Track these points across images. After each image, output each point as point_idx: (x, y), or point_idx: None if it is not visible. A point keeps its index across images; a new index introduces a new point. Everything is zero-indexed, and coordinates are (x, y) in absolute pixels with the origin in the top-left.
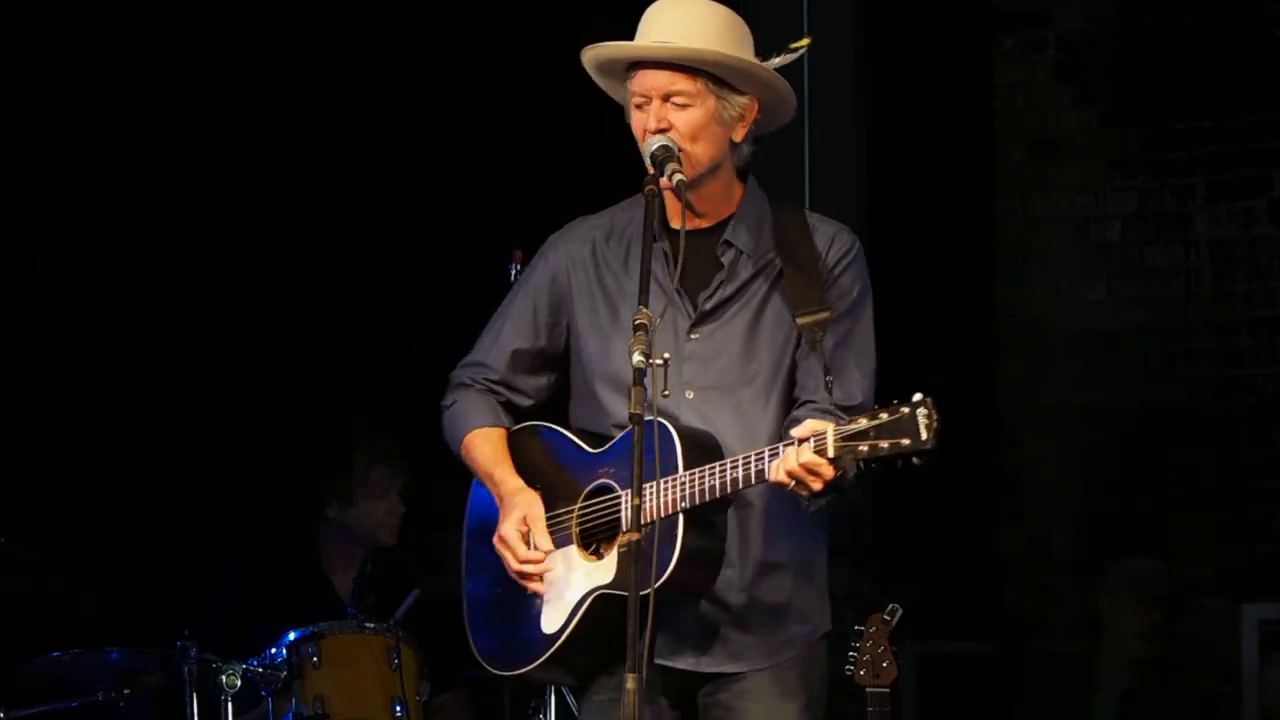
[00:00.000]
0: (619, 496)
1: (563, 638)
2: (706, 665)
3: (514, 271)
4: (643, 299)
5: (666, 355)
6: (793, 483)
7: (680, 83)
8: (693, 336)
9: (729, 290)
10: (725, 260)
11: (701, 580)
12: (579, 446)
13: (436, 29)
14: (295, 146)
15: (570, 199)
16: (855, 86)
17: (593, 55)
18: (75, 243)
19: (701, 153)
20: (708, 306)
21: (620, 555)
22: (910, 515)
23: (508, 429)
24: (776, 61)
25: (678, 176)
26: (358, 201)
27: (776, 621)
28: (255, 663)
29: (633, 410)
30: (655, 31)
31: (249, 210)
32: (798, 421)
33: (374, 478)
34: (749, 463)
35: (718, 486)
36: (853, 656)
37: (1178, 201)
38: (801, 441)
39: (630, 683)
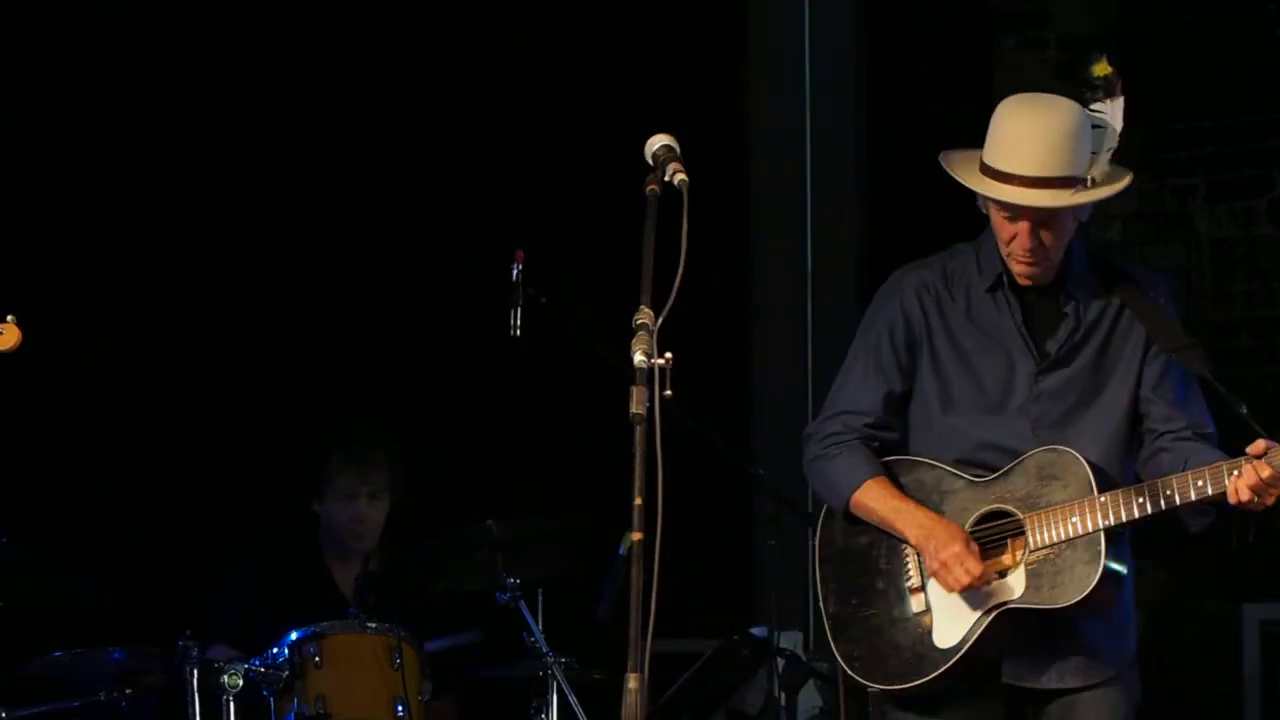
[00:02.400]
0: (1017, 520)
1: (964, 650)
2: (1048, 683)
3: (516, 271)
4: (643, 299)
5: (669, 355)
6: (1255, 498)
7: (1051, 215)
8: (1041, 381)
9: (1077, 337)
10: (1069, 311)
11: (1110, 598)
12: (958, 475)
13: (440, 29)
14: (297, 148)
15: (573, 200)
16: (855, 86)
17: (978, 188)
18: (78, 243)
19: (1058, 256)
20: (1059, 353)
21: (1029, 571)
22: None
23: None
24: (1112, 119)
25: (679, 176)
26: (362, 203)
27: (1115, 638)
28: (257, 662)
29: (634, 411)
30: (1019, 159)
31: (257, 214)
32: (1165, 451)
33: (341, 482)
34: (1193, 482)
35: (1149, 504)
36: None
37: (1178, 201)
38: (1258, 458)
39: (632, 682)
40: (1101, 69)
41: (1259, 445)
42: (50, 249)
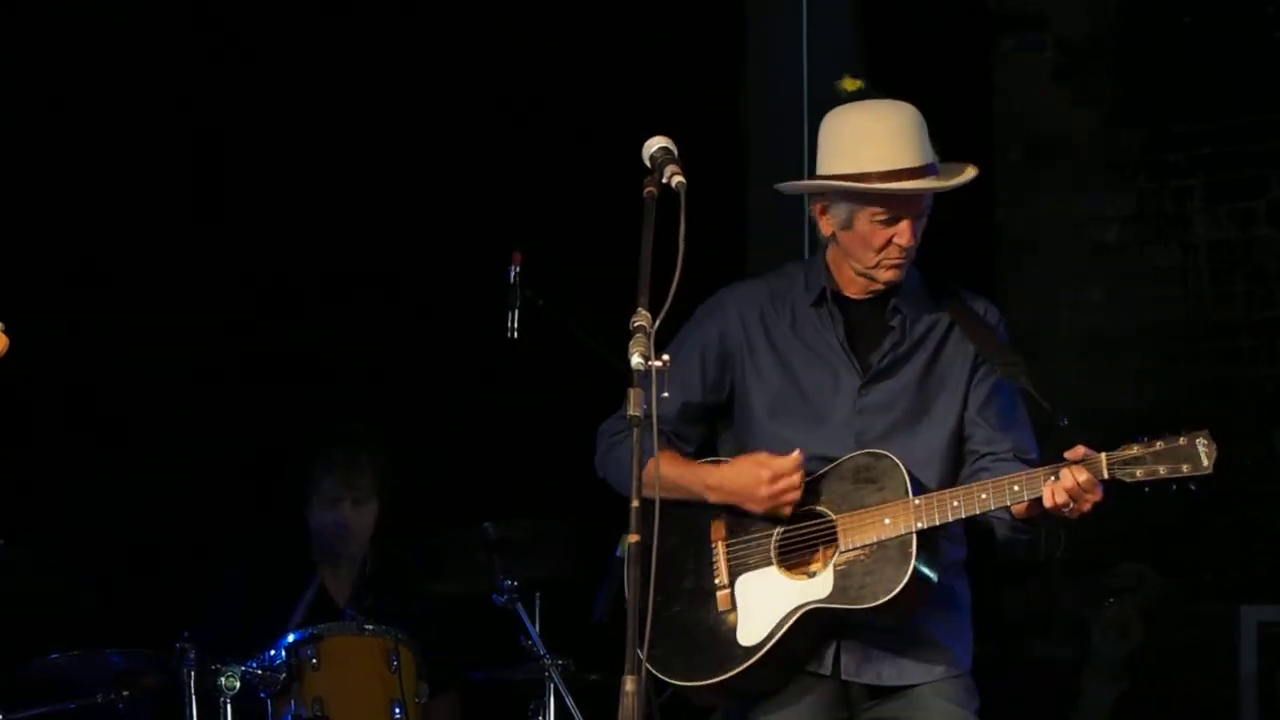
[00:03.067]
0: (830, 521)
1: (766, 648)
2: (889, 679)
3: (513, 273)
4: (641, 301)
5: (665, 357)
6: (1070, 503)
7: (927, 203)
8: (863, 394)
9: (901, 350)
10: (894, 324)
11: (915, 605)
12: None
13: (436, 29)
14: (297, 151)
15: (570, 202)
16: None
17: (854, 189)
18: (73, 242)
19: (913, 255)
20: (882, 365)
21: (837, 572)
22: None
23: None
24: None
25: (676, 179)
26: (359, 205)
27: (958, 640)
28: (254, 664)
29: (631, 412)
30: (893, 154)
31: (251, 212)
32: (985, 471)
33: (324, 487)
34: (1008, 486)
35: (963, 507)
36: None
37: (1176, 203)
38: (1075, 464)
39: (630, 684)
40: (851, 84)
41: (1078, 450)
42: (50, 249)
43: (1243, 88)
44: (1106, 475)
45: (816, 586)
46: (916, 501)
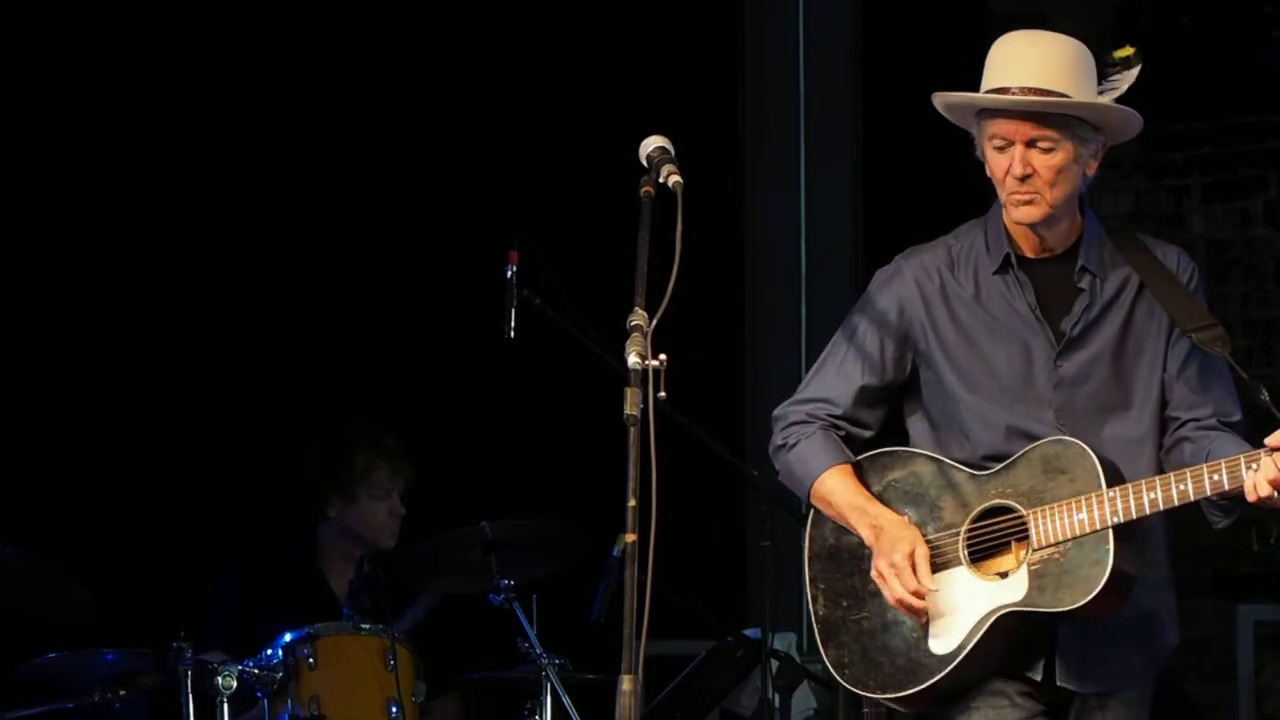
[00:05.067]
0: (1020, 516)
1: (962, 656)
2: (1105, 684)
3: (510, 272)
4: (638, 300)
5: (664, 356)
6: (1275, 494)
7: (1045, 130)
8: (1059, 365)
9: (1093, 314)
10: (1084, 285)
11: (1117, 603)
12: (959, 469)
13: (436, 27)
14: (304, 156)
15: (569, 203)
16: (851, 89)
17: (950, 101)
18: (71, 243)
19: (1059, 194)
20: (1075, 333)
21: (1031, 572)
22: None
23: (854, 463)
24: (1122, 83)
25: (673, 178)
26: (357, 205)
27: (1154, 639)
28: (251, 664)
29: (629, 412)
30: (1014, 73)
31: (248, 212)
32: (1188, 441)
33: (377, 478)
34: (1208, 476)
35: (1160, 499)
36: None
37: (1174, 202)
38: (1275, 451)
39: (627, 684)
40: (1123, 52)
41: (1278, 437)
42: (45, 249)
43: (1239, 88)
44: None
45: (1011, 588)
46: (1110, 494)
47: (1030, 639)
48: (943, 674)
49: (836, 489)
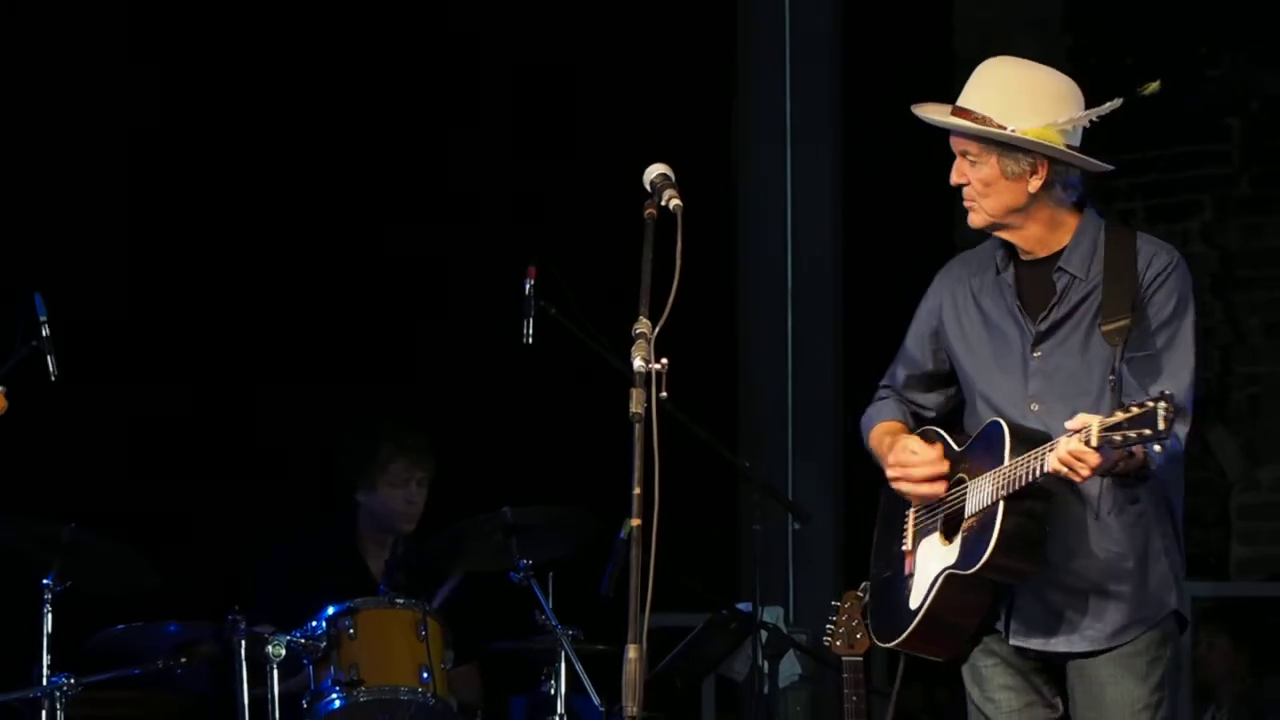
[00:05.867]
0: (965, 487)
1: (922, 611)
2: (1054, 646)
3: (529, 285)
4: (642, 310)
5: (665, 360)
6: (1065, 470)
7: (966, 144)
8: (1035, 355)
9: (1061, 311)
10: (1059, 285)
11: (1019, 566)
12: (950, 446)
13: (455, 43)
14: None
15: (582, 224)
16: (832, 124)
17: (917, 113)
18: (137, 241)
19: (992, 204)
20: (1043, 327)
21: (963, 538)
22: None
23: (909, 427)
24: (1080, 117)
25: (674, 202)
26: (398, 228)
27: (1109, 607)
28: (298, 634)
29: (634, 410)
30: (965, 92)
31: (300, 225)
32: None
33: (395, 468)
34: (1036, 456)
35: (1023, 476)
36: (830, 628)
37: (1121, 222)
38: (1074, 433)
39: (632, 652)
40: (1149, 87)
41: (1076, 420)
42: (110, 246)
43: (1177, 121)
44: (1095, 442)
45: (951, 552)
46: (1003, 468)
47: (996, 600)
48: (912, 625)
49: (881, 434)
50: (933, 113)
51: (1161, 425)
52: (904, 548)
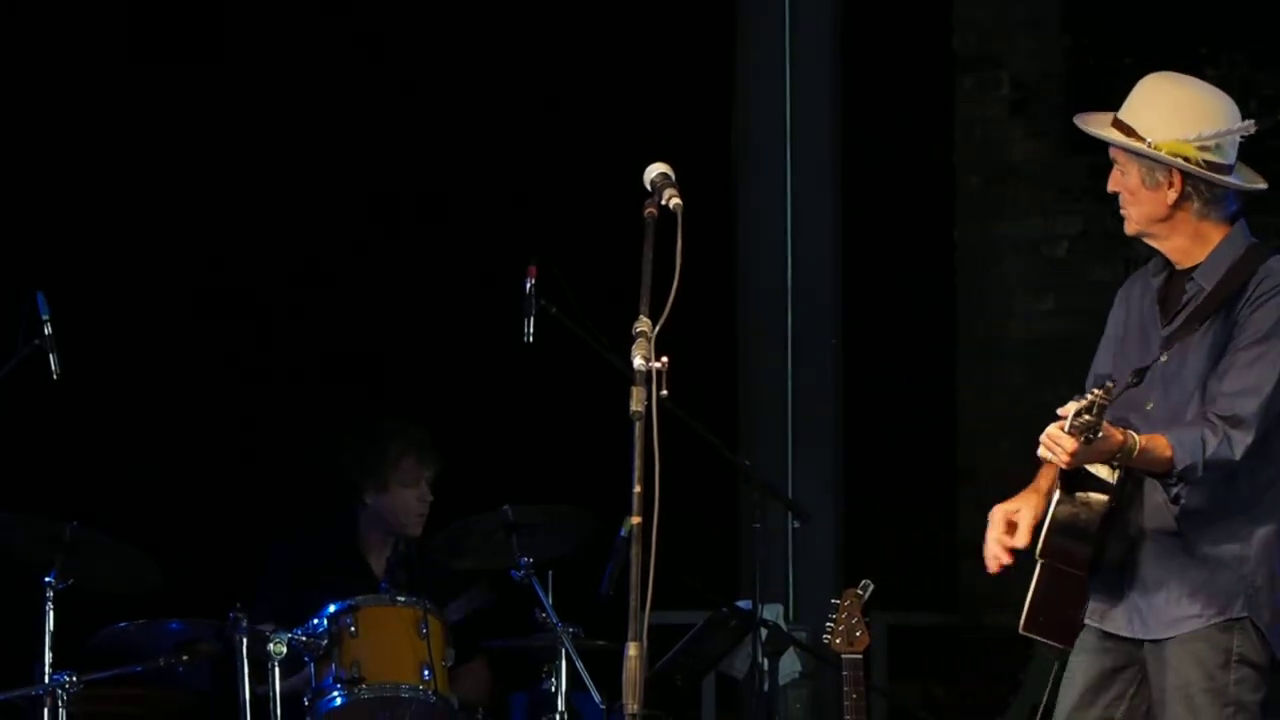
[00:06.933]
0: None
1: (1028, 599)
2: (1120, 629)
3: (529, 284)
4: (643, 309)
5: (665, 359)
6: (1047, 454)
7: (1117, 154)
8: (1161, 359)
9: (1179, 321)
10: (1187, 294)
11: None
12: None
13: (459, 42)
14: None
15: (582, 223)
16: (831, 124)
17: (1079, 123)
18: (138, 241)
19: (1137, 213)
20: (1166, 333)
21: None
22: (883, 503)
23: None
24: (1218, 134)
25: (674, 201)
26: (402, 230)
27: (1203, 587)
28: (299, 632)
29: (634, 409)
30: (1125, 105)
31: (300, 224)
32: None
33: (405, 466)
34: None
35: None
36: (830, 626)
37: (1118, 224)
38: (1062, 417)
39: (633, 650)
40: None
41: (1066, 408)
42: (117, 249)
43: None
44: (1068, 428)
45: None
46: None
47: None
48: (1024, 615)
49: None
50: (1093, 124)
51: (1095, 413)
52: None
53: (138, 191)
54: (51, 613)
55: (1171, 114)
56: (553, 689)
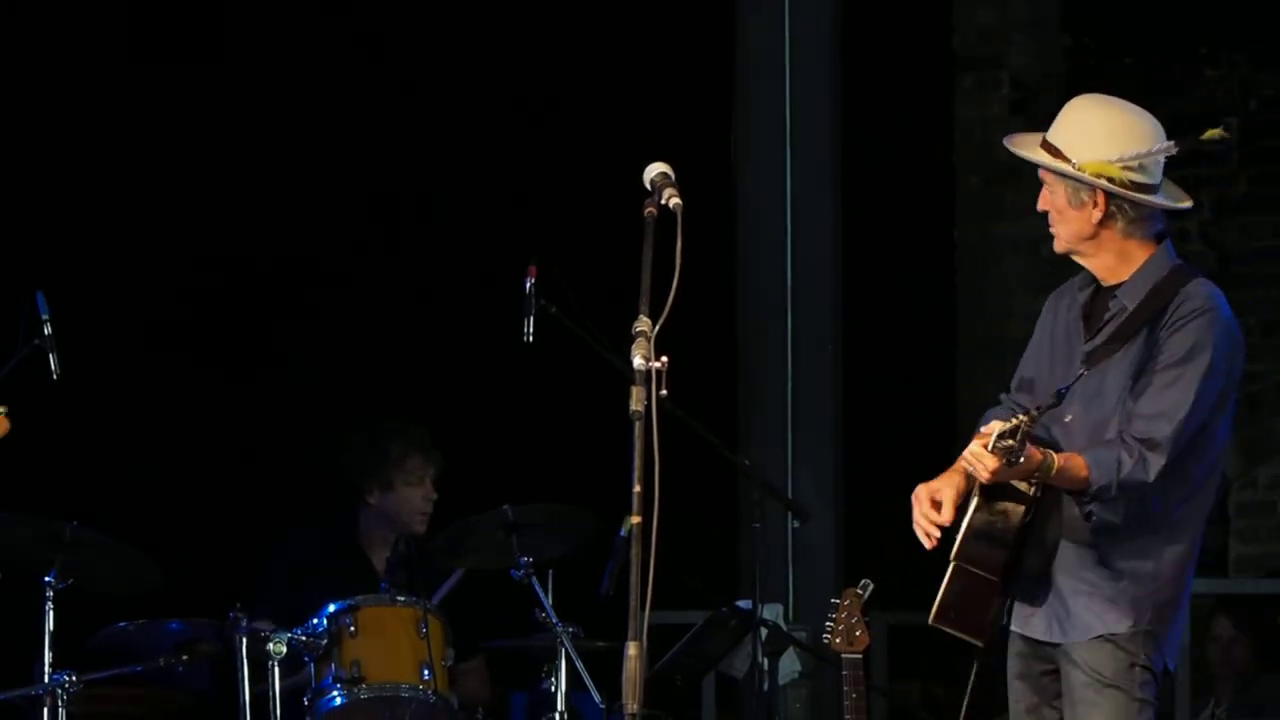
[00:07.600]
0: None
1: (938, 598)
2: (1040, 634)
3: (529, 284)
4: (642, 308)
5: (665, 358)
6: (968, 468)
7: (1045, 174)
8: (1080, 374)
9: (1101, 338)
10: (1109, 312)
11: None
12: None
13: (459, 43)
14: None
15: (586, 217)
16: (831, 124)
17: (1009, 146)
18: (139, 241)
19: (1064, 231)
20: (1088, 350)
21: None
22: (883, 503)
23: None
24: (1139, 155)
25: (674, 201)
26: (403, 230)
27: (1095, 605)
28: (299, 632)
29: (634, 408)
30: (1053, 126)
31: (300, 224)
32: None
33: (410, 465)
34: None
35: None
36: (830, 626)
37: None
38: (978, 436)
39: (633, 649)
40: (1209, 134)
41: (989, 426)
42: (116, 249)
43: (1175, 120)
44: (990, 446)
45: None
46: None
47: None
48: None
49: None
50: (1021, 146)
51: (1018, 438)
52: None
53: (138, 191)
54: (51, 612)
55: (1096, 135)
56: (553, 689)
